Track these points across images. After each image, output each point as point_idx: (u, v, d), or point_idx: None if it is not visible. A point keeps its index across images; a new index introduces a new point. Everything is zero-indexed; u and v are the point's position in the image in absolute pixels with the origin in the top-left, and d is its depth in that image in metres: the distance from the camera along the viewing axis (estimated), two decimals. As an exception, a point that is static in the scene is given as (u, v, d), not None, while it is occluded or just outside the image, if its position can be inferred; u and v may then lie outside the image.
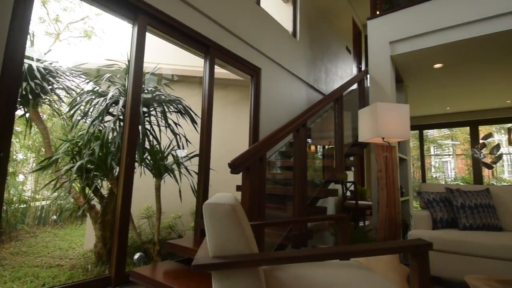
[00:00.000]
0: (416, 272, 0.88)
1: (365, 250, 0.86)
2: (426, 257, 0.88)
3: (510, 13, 2.98)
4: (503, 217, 2.51)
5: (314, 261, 0.86)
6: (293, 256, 0.85)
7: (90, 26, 7.36)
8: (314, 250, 0.88)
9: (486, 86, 4.83)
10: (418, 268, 0.88)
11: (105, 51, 7.36)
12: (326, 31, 5.73)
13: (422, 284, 0.87)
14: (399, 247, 0.89)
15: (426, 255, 0.88)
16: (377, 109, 2.77)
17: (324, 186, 3.00)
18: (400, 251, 0.89)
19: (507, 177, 9.10)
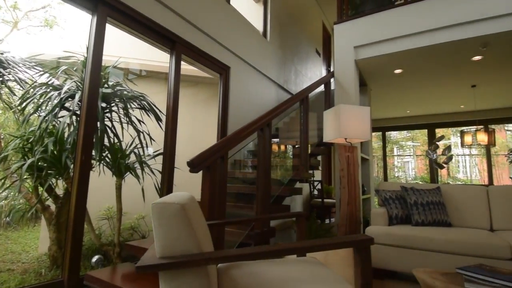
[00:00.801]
0: (359, 265, 0.92)
1: (310, 246, 0.89)
2: (368, 251, 0.92)
3: (462, 23, 3.21)
4: (452, 214, 2.71)
5: (259, 258, 0.87)
6: (239, 254, 0.85)
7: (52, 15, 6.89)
8: (259, 248, 0.88)
9: (442, 92, 5.19)
10: (360, 261, 0.92)
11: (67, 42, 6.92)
12: (296, 33, 5.83)
13: (364, 276, 0.91)
14: (343, 242, 0.93)
15: (368, 249, 0.92)
16: (340, 110, 2.87)
17: (291, 184, 3.05)
18: (343, 246, 0.92)
19: (462, 177, 9.88)
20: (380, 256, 2.40)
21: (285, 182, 2.76)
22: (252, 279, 1.15)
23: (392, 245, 2.38)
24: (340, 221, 3.01)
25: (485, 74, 4.27)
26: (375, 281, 2.34)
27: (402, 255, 2.34)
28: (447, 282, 1.44)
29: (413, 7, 3.48)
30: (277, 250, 0.86)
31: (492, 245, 2.07)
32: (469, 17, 3.15)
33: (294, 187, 2.64)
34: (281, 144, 3.92)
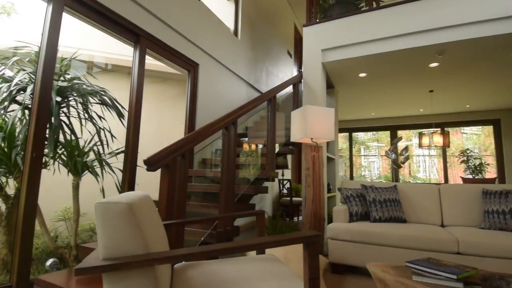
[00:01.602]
0: (307, 260, 0.95)
1: (258, 244, 0.90)
2: (316, 247, 0.95)
3: (421, 32, 3.41)
4: (407, 211, 2.88)
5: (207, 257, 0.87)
6: (186, 254, 0.84)
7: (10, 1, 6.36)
8: (207, 247, 0.88)
9: (403, 96, 5.49)
10: (308, 257, 0.95)
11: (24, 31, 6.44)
12: (268, 33, 5.88)
13: (312, 271, 0.94)
14: (291, 238, 0.95)
15: (316, 245, 0.95)
16: (307, 111, 2.94)
17: (258, 183, 3.07)
18: (292, 243, 0.95)
19: (422, 176, 10.53)
20: (341, 251, 2.49)
21: (251, 181, 2.77)
22: (206, 278, 1.14)
23: (351, 241, 2.48)
24: (305, 218, 3.08)
25: (441, 80, 4.58)
26: (335, 276, 2.43)
27: (360, 251, 2.44)
28: (396, 275, 1.53)
29: (376, 14, 3.64)
30: (225, 248, 0.86)
31: (441, 240, 2.23)
32: (427, 26, 3.36)
33: (259, 186, 2.66)
34: (250, 143, 3.93)
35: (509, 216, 2.33)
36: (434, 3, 3.35)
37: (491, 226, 2.45)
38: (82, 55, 4.21)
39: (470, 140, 9.69)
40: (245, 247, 0.88)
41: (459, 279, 1.40)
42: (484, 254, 2.10)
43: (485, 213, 2.50)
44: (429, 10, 3.36)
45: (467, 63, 3.89)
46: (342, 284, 2.23)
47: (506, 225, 2.35)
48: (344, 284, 2.24)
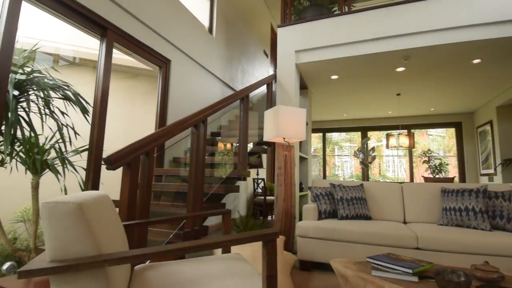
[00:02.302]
0: (265, 258, 0.96)
1: (215, 243, 0.90)
2: (274, 244, 0.97)
3: (388, 37, 3.56)
4: (372, 208, 3.00)
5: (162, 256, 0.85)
6: (139, 254, 0.82)
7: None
8: (162, 247, 0.86)
9: (372, 98, 5.71)
10: (266, 254, 0.96)
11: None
12: (244, 32, 5.87)
13: (269, 268, 0.95)
14: (250, 237, 0.95)
15: (274, 243, 0.96)
16: (279, 111, 2.97)
17: (231, 182, 3.07)
18: (251, 241, 0.95)
19: (391, 175, 11.01)
20: (309, 249, 2.55)
21: (222, 180, 2.76)
22: (165, 279, 1.12)
23: (319, 238, 2.55)
24: (276, 216, 3.12)
25: (407, 84, 4.82)
26: (303, 273, 2.48)
27: (328, 247, 2.51)
28: (357, 270, 1.59)
29: (347, 19, 3.75)
30: (179, 248, 0.85)
31: (402, 236, 2.34)
32: (394, 32, 3.51)
33: (230, 185, 2.65)
34: (223, 142, 3.91)
35: (465, 213, 2.50)
36: (400, 11, 3.51)
37: (448, 222, 2.61)
38: (48, 48, 3.97)
39: (435, 142, 10.28)
40: (201, 247, 0.87)
41: (414, 273, 1.48)
42: (441, 249, 2.23)
43: (444, 210, 2.66)
44: (396, 17, 3.52)
45: (430, 68, 4.12)
46: (309, 281, 2.28)
47: (462, 222, 2.52)
48: (311, 280, 2.29)
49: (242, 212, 5.37)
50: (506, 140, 5.27)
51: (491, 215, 2.48)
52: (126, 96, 4.60)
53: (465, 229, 2.40)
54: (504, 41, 3.24)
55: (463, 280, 1.32)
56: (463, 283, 1.31)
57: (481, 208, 2.42)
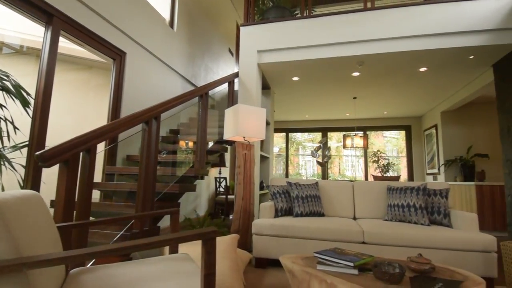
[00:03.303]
0: (203, 256, 0.95)
1: (149, 243, 0.87)
2: (213, 243, 0.96)
3: (344, 43, 3.73)
4: (325, 205, 3.13)
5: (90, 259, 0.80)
6: (63, 257, 0.77)
7: None
8: (89, 249, 0.82)
9: (331, 101, 5.95)
10: (205, 253, 0.95)
11: None
12: (208, 29, 5.79)
13: (208, 267, 0.94)
14: (189, 235, 0.94)
15: (213, 241, 0.96)
16: (239, 110, 2.97)
17: (189, 181, 3.00)
18: (189, 240, 0.94)
19: (349, 174, 11.59)
20: (265, 246, 2.58)
21: (178, 179, 2.69)
22: (100, 282, 1.06)
23: (274, 236, 2.59)
24: (235, 215, 3.12)
25: (362, 88, 5.09)
26: (258, 270, 2.51)
27: (283, 244, 2.57)
28: (303, 265, 1.64)
29: (308, 22, 3.86)
30: (109, 250, 0.81)
31: (350, 231, 2.47)
32: (350, 38, 3.69)
33: (186, 184, 2.60)
34: (182, 140, 3.82)
35: (407, 209, 2.70)
36: (356, 18, 3.70)
37: (393, 218, 2.80)
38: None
39: (390, 143, 11.01)
40: (130, 248, 0.84)
41: (355, 266, 1.57)
42: (384, 243, 2.39)
43: (389, 206, 2.85)
44: (352, 24, 3.70)
45: (382, 74, 4.39)
46: (263, 277, 2.31)
47: (404, 217, 2.72)
48: (264, 277, 2.32)
49: (203, 211, 5.30)
50: (448, 142, 5.80)
51: (430, 211, 2.71)
52: (77, 89, 4.30)
53: (406, 224, 2.60)
54: (446, 51, 3.56)
55: (397, 272, 1.43)
56: (397, 274, 1.41)
57: (421, 204, 2.64)
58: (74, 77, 4.36)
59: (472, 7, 3.38)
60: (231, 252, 1.91)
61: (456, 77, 4.44)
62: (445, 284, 1.37)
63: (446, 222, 2.61)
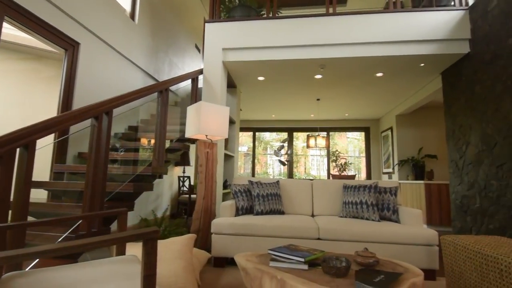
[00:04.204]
0: (143, 257, 0.92)
1: (82, 245, 0.82)
2: (154, 243, 0.93)
3: (308, 45, 3.83)
4: (286, 203, 3.19)
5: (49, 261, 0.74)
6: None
7: None
8: (7, 253, 0.75)
9: (297, 102, 6.09)
10: (145, 253, 0.92)
11: None
12: (173, 23, 5.62)
13: (148, 268, 0.91)
14: (129, 236, 0.91)
15: (154, 242, 0.93)
16: (201, 107, 2.92)
17: (147, 180, 2.89)
18: (130, 240, 0.90)
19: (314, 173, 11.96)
20: (223, 245, 2.57)
21: (132, 178, 2.58)
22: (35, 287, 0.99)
23: (234, 234, 2.59)
24: (195, 214, 3.07)
25: (325, 90, 5.27)
26: (216, 269, 2.49)
27: (242, 243, 2.57)
28: (257, 263, 1.66)
29: (273, 23, 3.90)
30: (32, 253, 0.75)
31: (307, 228, 2.54)
32: (312, 41, 3.79)
33: (142, 183, 2.50)
34: (142, 137, 3.67)
35: (360, 206, 2.85)
36: (320, 22, 3.81)
37: (347, 214, 2.94)
38: None
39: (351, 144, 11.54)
40: (61, 250, 0.78)
41: (305, 261, 1.62)
42: (338, 238, 2.49)
43: (344, 204, 2.98)
44: (315, 28, 3.81)
45: (343, 78, 4.58)
46: (220, 277, 2.30)
47: (357, 213, 2.86)
48: (221, 276, 2.31)
49: (167, 211, 5.15)
50: (402, 144, 6.21)
51: (380, 208, 2.88)
52: (25, 81, 3.96)
53: (359, 220, 2.74)
54: (399, 58, 3.80)
55: (343, 266, 1.49)
56: (342, 268, 1.48)
57: (372, 201, 2.79)
58: (23, 67, 4.01)
59: (424, 17, 3.64)
60: (186, 252, 1.88)
61: (409, 83, 4.77)
62: (386, 276, 1.46)
63: (394, 218, 2.79)
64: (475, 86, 3.46)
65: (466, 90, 3.64)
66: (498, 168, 3.06)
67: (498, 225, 3.02)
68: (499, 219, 3.00)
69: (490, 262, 1.64)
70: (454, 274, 1.97)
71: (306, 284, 1.34)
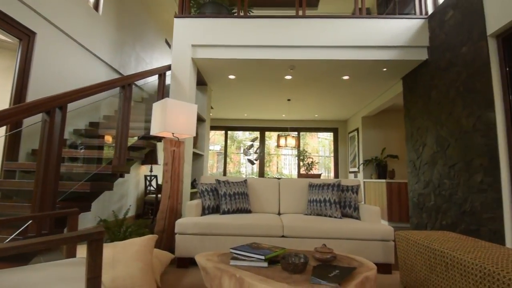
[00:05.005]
0: (87, 259, 0.88)
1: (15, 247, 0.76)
2: (98, 245, 0.89)
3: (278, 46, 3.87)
4: (253, 202, 3.21)
5: None
6: None
7: None
8: None
9: (268, 101, 6.14)
10: (89, 255, 0.88)
11: None
12: (141, 17, 5.43)
13: (92, 270, 0.88)
14: (73, 237, 0.86)
15: (99, 243, 0.89)
16: (167, 104, 2.85)
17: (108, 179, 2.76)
18: (73, 241, 0.86)
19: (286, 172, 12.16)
20: (187, 245, 2.53)
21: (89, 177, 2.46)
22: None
23: (198, 234, 2.56)
24: (160, 214, 2.99)
25: (295, 91, 5.36)
26: (179, 270, 2.44)
27: (207, 242, 2.55)
28: (217, 262, 1.65)
29: (244, 22, 3.90)
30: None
31: (272, 226, 2.57)
32: (282, 42, 3.84)
33: (100, 183, 2.39)
34: (103, 134, 3.51)
35: (323, 204, 2.93)
36: (289, 24, 3.87)
37: (311, 212, 3.01)
38: None
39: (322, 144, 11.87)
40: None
41: (266, 259, 1.63)
42: (301, 235, 2.55)
43: (309, 202, 3.06)
44: (285, 30, 3.86)
45: (312, 79, 4.69)
46: (182, 278, 2.26)
47: (321, 211, 2.94)
48: (184, 277, 2.28)
49: (132, 212, 4.97)
50: (367, 144, 6.49)
51: (343, 205, 2.99)
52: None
53: (322, 217, 2.82)
54: (364, 63, 3.96)
55: (300, 262, 1.53)
56: (300, 264, 1.51)
57: (335, 199, 2.89)
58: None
59: (387, 24, 3.83)
60: (145, 253, 1.82)
61: (374, 86, 4.99)
62: (341, 271, 1.52)
63: (355, 215, 2.90)
64: (431, 91, 3.70)
65: (423, 95, 3.88)
66: (450, 168, 3.29)
67: (450, 221, 3.26)
68: (451, 216, 3.23)
69: (437, 256, 1.76)
70: (407, 268, 2.10)
71: (264, 281, 1.36)
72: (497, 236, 2.58)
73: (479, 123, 2.85)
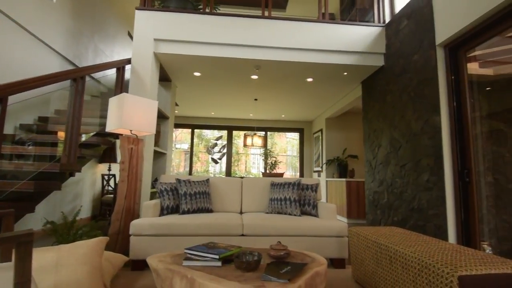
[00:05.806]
0: (16, 262, 0.81)
1: None
2: (27, 247, 0.83)
3: (243, 45, 3.86)
4: (215, 201, 3.18)
5: None
6: None
7: None
8: None
9: (235, 100, 6.12)
10: (17, 258, 0.81)
11: None
12: (101, 6, 5.13)
13: (21, 274, 0.81)
14: None
15: (28, 246, 0.83)
16: (124, 100, 2.72)
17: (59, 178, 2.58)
18: None
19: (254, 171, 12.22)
20: (143, 247, 2.44)
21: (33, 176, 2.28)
22: None
23: (155, 235, 2.48)
24: (114, 215, 2.85)
25: (262, 91, 5.41)
26: (133, 273, 2.35)
27: (164, 243, 2.48)
28: (169, 263, 1.61)
29: (211, 19, 3.84)
30: None
31: (232, 225, 2.57)
32: (248, 42, 3.84)
33: (45, 182, 2.22)
34: (54, 130, 3.27)
35: (284, 202, 2.99)
36: (255, 24, 3.88)
37: (272, 210, 3.06)
38: None
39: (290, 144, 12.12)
40: None
41: (220, 258, 1.63)
42: (260, 234, 2.58)
43: (270, 200, 3.10)
44: (251, 29, 3.87)
45: (277, 80, 4.76)
46: (136, 280, 2.17)
47: (281, 209, 3.00)
48: (138, 280, 2.19)
49: (87, 213, 4.69)
50: (330, 144, 6.74)
51: (302, 203, 3.07)
52: None
53: (282, 215, 2.88)
54: (326, 66, 4.10)
55: (253, 260, 1.54)
56: (253, 262, 1.53)
57: (295, 198, 2.96)
58: None
59: (348, 30, 3.99)
60: (93, 256, 1.72)
61: (335, 89, 5.19)
62: (292, 267, 1.56)
63: (314, 212, 3.00)
64: (386, 95, 3.93)
65: (379, 99, 4.12)
66: (401, 168, 3.53)
67: (401, 217, 3.49)
68: (402, 212, 3.47)
69: (383, 250, 1.88)
70: (357, 262, 2.21)
71: (215, 280, 1.35)
72: (441, 231, 2.81)
73: (427, 126, 3.08)
